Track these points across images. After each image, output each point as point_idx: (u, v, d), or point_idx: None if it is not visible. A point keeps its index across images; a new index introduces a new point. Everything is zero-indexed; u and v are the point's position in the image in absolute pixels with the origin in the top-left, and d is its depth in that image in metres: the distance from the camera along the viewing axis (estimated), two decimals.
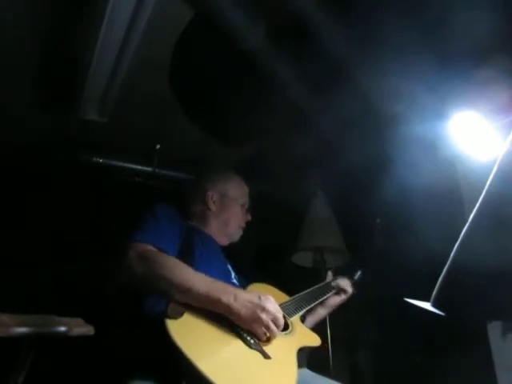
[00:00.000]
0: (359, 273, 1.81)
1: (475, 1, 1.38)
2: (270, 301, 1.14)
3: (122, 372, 1.05)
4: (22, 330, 0.81)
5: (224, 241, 1.60)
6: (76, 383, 2.03)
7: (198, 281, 1.12)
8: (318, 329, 1.55)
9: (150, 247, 1.20)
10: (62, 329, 0.89)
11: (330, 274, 1.77)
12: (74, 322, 0.93)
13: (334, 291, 1.66)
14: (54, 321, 0.89)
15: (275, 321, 1.13)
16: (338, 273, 1.80)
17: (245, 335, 1.10)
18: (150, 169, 2.57)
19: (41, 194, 2.45)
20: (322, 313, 1.63)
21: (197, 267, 1.19)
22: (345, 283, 1.70)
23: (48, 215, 2.47)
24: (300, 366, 1.18)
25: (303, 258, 2.47)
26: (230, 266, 1.51)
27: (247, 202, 1.68)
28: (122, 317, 1.37)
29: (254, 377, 1.02)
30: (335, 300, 1.67)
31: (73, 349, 1.74)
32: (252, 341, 1.10)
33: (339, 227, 2.40)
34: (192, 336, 1.01)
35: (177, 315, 1.04)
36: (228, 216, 1.60)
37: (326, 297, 1.61)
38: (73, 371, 2.06)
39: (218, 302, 1.09)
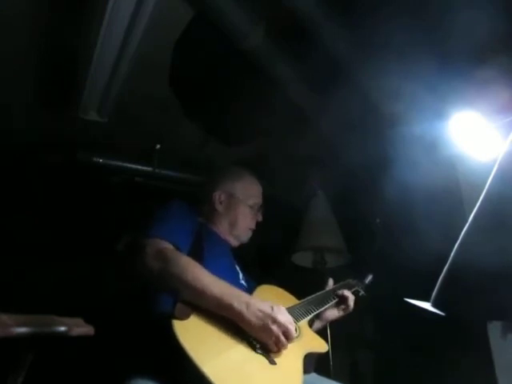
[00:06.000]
0: (370, 277, 1.75)
1: (475, 1, 1.38)
2: (282, 312, 1.12)
3: (124, 372, 1.04)
4: (22, 329, 0.80)
5: (233, 241, 1.56)
6: (76, 383, 2.03)
7: (212, 284, 1.11)
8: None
9: (167, 244, 1.20)
10: (62, 329, 0.88)
11: (330, 281, 1.62)
12: (74, 322, 0.92)
13: (336, 300, 1.52)
14: (54, 321, 0.89)
15: (286, 333, 1.10)
16: (348, 277, 1.70)
17: (251, 339, 1.09)
18: (150, 169, 2.57)
19: (41, 194, 2.45)
20: (316, 325, 1.50)
21: (205, 265, 1.18)
22: (349, 295, 1.53)
23: (48, 215, 2.47)
24: (307, 371, 1.16)
25: (303, 258, 2.47)
26: (238, 267, 1.49)
27: (259, 202, 1.61)
28: (125, 316, 1.36)
29: (258, 382, 1.01)
30: (333, 313, 1.53)
31: (73, 349, 1.74)
32: (258, 345, 1.08)
33: (339, 227, 2.40)
34: (197, 338, 1.00)
35: (183, 316, 1.03)
36: (235, 217, 1.55)
37: (331, 303, 1.51)
38: (73, 371, 2.06)
39: (230, 307, 1.08)
